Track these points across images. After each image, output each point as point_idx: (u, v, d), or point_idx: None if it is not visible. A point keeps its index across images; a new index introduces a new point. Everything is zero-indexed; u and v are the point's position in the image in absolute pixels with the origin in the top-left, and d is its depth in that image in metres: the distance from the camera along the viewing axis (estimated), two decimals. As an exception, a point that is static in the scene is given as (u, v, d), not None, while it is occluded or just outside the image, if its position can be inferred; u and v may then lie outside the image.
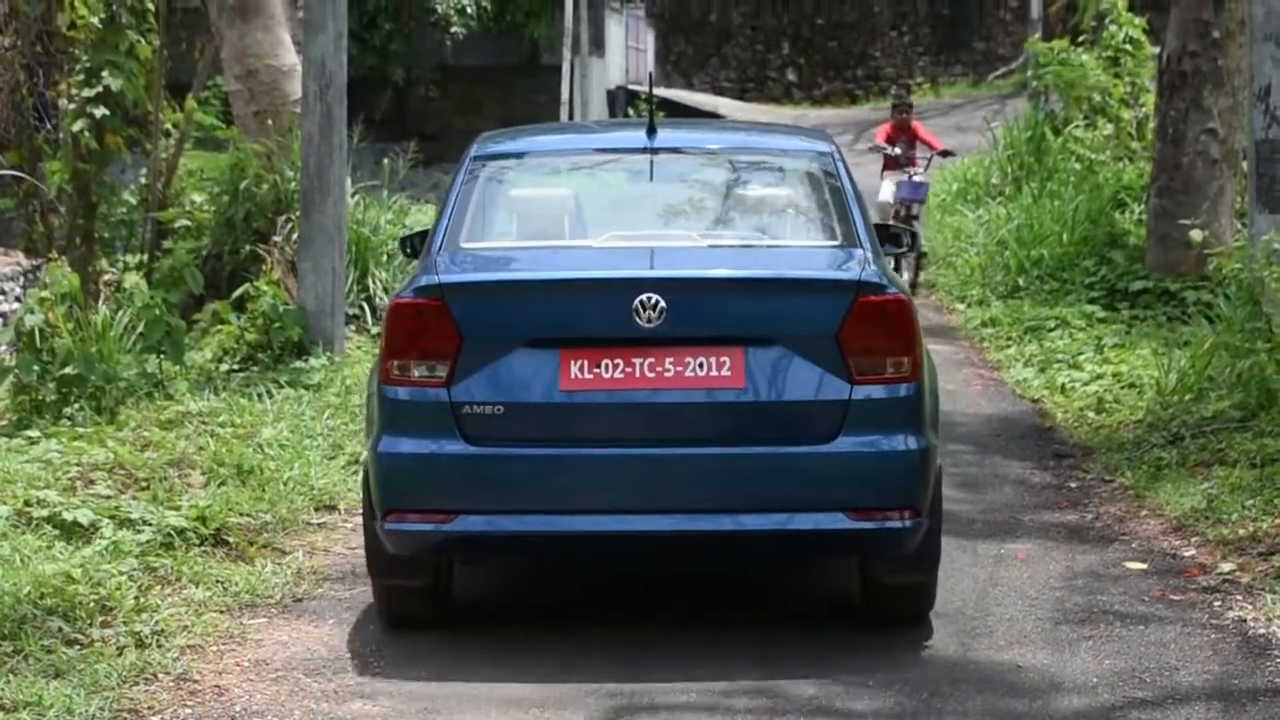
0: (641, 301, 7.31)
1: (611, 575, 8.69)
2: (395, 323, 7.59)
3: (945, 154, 20.54)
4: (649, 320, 7.33)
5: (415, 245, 8.94)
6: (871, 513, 7.37)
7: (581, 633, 7.76)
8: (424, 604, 7.91)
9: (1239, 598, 8.09)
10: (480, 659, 7.40)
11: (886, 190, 19.47)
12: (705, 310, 7.45)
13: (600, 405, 7.40)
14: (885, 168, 19.89)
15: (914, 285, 18.60)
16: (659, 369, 7.38)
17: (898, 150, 19.65)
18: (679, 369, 7.38)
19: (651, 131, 8.48)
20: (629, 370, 7.38)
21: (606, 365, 7.38)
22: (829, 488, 7.38)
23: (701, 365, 7.38)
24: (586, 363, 7.38)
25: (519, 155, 8.96)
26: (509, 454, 7.39)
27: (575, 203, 8.48)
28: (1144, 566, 8.73)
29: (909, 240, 9.02)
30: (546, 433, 7.43)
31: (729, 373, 7.38)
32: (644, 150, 8.50)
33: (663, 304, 7.32)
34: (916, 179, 19.28)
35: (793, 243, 8.20)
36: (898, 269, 18.50)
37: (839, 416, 7.37)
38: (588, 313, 7.45)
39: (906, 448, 7.40)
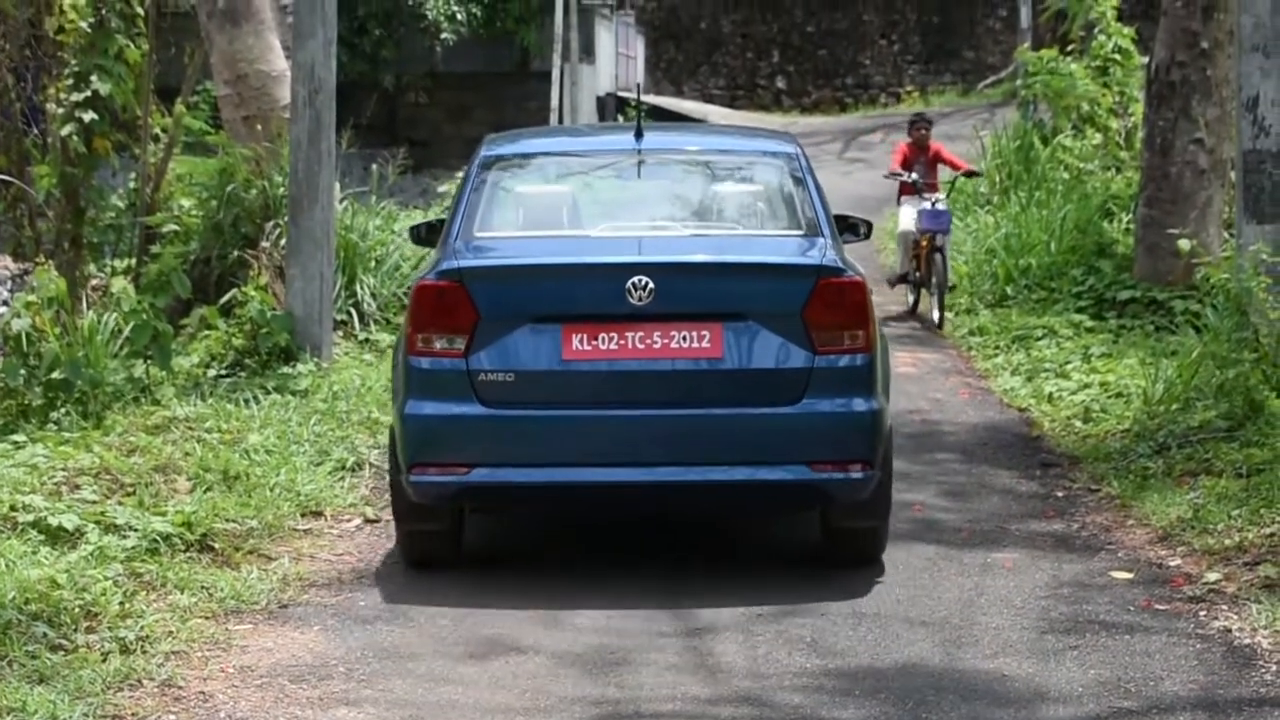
0: (633, 283, 8.42)
1: (600, 556, 8.71)
2: (420, 302, 8.66)
3: (971, 174, 19.02)
4: (640, 299, 8.43)
5: (422, 234, 10.20)
6: (830, 465, 8.48)
7: (569, 627, 7.76)
8: (441, 547, 8.97)
9: (1224, 608, 8.10)
10: (465, 665, 7.40)
11: (906, 218, 17.69)
12: (688, 290, 8.56)
13: (597, 373, 8.51)
14: (903, 193, 18.12)
15: (940, 321, 16.87)
16: (648, 341, 8.49)
17: (915, 176, 17.68)
18: (665, 341, 8.50)
19: (639, 135, 9.61)
20: (622, 342, 8.49)
21: (603, 338, 8.48)
22: (794, 444, 8.49)
23: (685, 338, 8.51)
24: (586, 336, 8.48)
25: (523, 156, 9.98)
26: (518, 415, 8.51)
27: (573, 197, 9.63)
28: (1130, 576, 8.74)
29: (866, 230, 10.21)
30: (551, 396, 8.54)
31: (709, 344, 8.50)
32: (633, 151, 9.65)
33: (651, 285, 8.43)
34: (939, 207, 17.30)
35: (763, 232, 9.34)
36: (916, 306, 16.87)
37: (803, 382, 8.50)
38: (587, 293, 8.56)
39: (861, 409, 8.52)
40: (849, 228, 9.90)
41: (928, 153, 18.16)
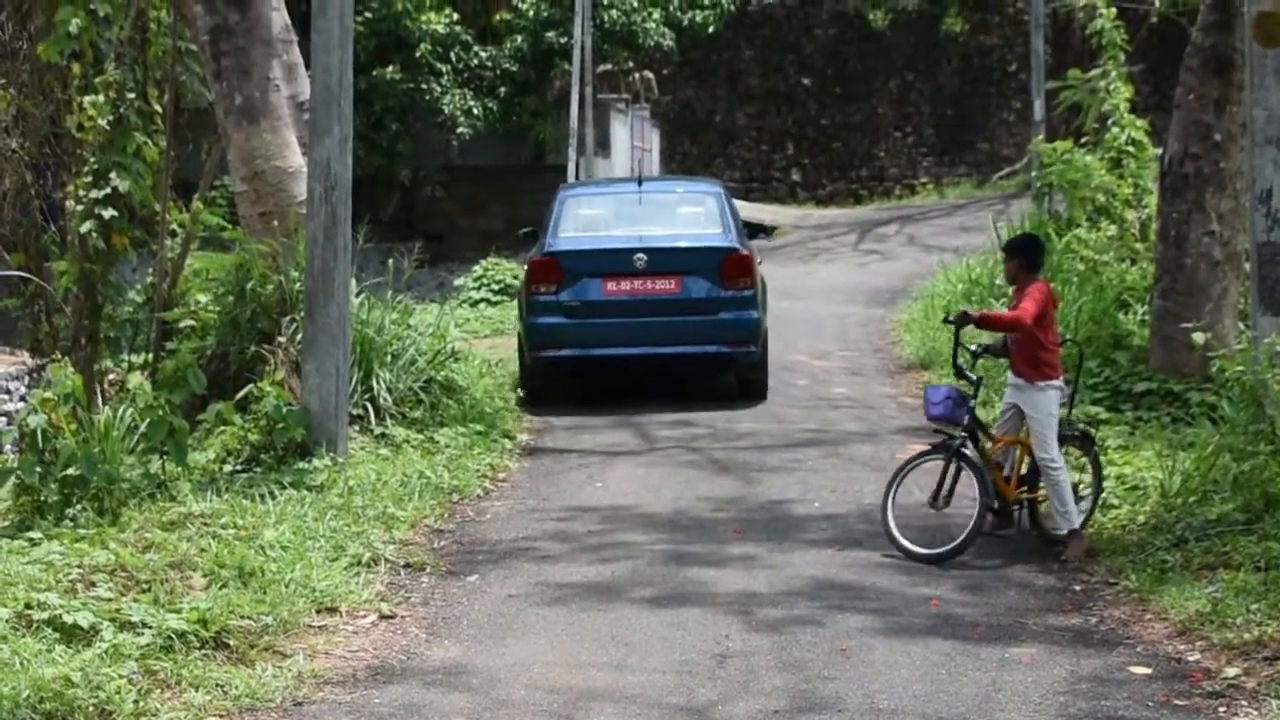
0: (637, 256, 17.37)
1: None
2: (534, 268, 17.66)
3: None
4: (640, 264, 17.33)
5: (526, 237, 19.02)
6: (736, 345, 17.52)
7: None
8: (544, 393, 17.85)
9: (1244, 703, 8.04)
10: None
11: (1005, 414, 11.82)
12: (664, 260, 17.43)
13: (621, 300, 17.38)
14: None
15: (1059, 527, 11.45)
16: (645, 285, 17.42)
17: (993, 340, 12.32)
18: (653, 285, 17.41)
19: (640, 183, 19.43)
20: (632, 285, 17.42)
21: (623, 283, 17.40)
22: (717, 335, 17.42)
23: (663, 283, 17.41)
24: (615, 282, 17.40)
25: (582, 194, 19.88)
26: (584, 322, 17.35)
27: (607, 215, 18.59)
28: (1149, 671, 8.69)
29: (769, 231, 21.89)
30: (599, 313, 17.35)
31: (674, 286, 17.42)
32: (637, 192, 18.93)
33: (646, 257, 17.35)
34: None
35: (703, 230, 18.17)
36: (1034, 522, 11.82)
37: (720, 304, 17.39)
38: (615, 261, 17.45)
39: (749, 317, 17.47)
40: (760, 229, 23.21)
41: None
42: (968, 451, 11.43)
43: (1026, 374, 11.48)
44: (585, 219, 18.36)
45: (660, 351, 17.50)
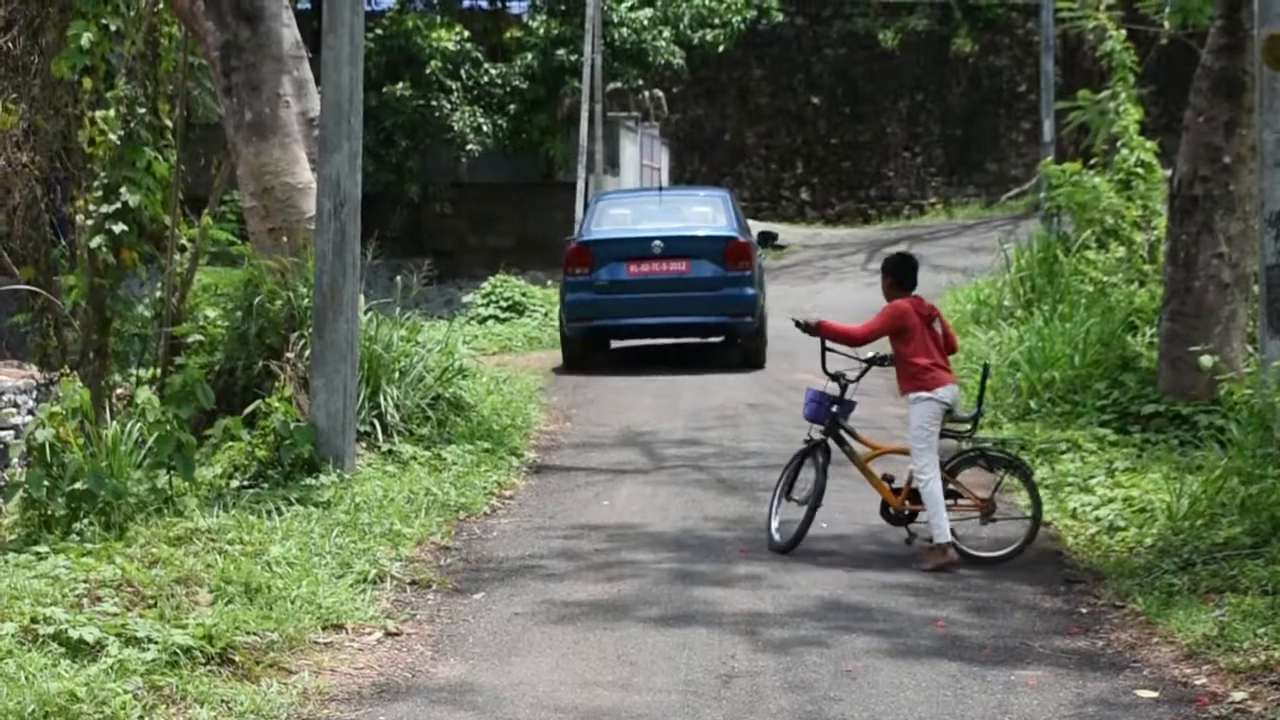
0: (655, 244, 21.76)
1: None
2: (571, 254, 22.26)
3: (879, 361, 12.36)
4: (658, 250, 21.72)
5: (569, 242, 23.03)
6: (736, 316, 21.86)
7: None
8: (578, 357, 22.48)
9: (1250, 728, 8.02)
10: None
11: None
12: (677, 246, 21.81)
13: (642, 279, 21.72)
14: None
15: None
16: (661, 266, 21.75)
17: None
18: (668, 266, 21.75)
19: (660, 190, 25.86)
20: (651, 267, 21.73)
21: (644, 265, 21.75)
22: (720, 307, 21.77)
23: (676, 265, 21.75)
24: (637, 264, 21.77)
25: (613, 198, 25.04)
26: (612, 297, 21.73)
27: (632, 213, 23.26)
28: (1155, 695, 8.66)
29: (772, 239, 24.43)
30: (623, 290, 21.69)
31: (685, 268, 21.75)
32: (658, 196, 24.40)
33: (662, 244, 21.73)
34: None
35: (710, 224, 22.51)
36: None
37: (722, 282, 21.67)
38: (637, 248, 21.87)
39: (747, 293, 21.74)
40: (769, 237, 24.04)
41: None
42: (818, 453, 12.22)
43: (902, 387, 12.07)
44: (614, 217, 23.22)
45: (673, 321, 22.02)
